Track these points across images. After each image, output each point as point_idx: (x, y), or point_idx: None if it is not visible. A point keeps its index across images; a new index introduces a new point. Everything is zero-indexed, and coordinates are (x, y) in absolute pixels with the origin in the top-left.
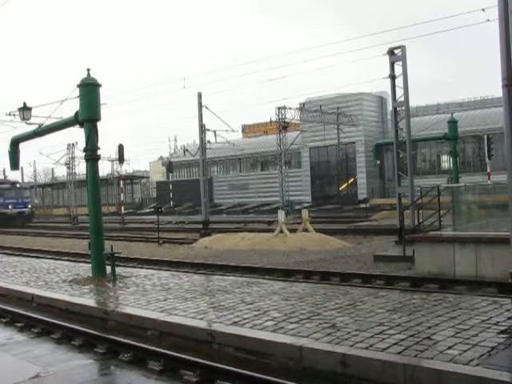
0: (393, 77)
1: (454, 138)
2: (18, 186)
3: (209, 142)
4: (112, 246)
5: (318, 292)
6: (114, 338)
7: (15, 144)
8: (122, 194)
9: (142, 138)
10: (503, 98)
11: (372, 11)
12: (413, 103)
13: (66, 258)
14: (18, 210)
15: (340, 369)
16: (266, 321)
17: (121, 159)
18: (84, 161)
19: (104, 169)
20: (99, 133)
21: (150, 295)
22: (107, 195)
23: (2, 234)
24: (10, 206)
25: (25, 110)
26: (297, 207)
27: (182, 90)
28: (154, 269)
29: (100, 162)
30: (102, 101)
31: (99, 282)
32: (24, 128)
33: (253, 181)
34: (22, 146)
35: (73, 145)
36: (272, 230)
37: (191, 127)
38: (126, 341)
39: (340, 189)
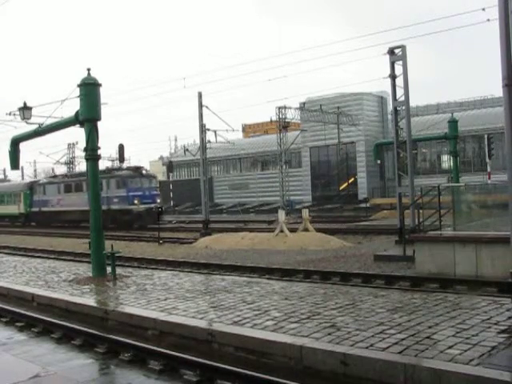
0: (393, 76)
1: (454, 137)
2: (144, 172)
3: (209, 141)
4: (112, 246)
5: (319, 292)
6: (115, 337)
7: (15, 143)
8: None
9: (142, 138)
10: (503, 97)
11: (372, 11)
12: (413, 103)
13: (66, 257)
14: (147, 205)
15: (340, 368)
16: (267, 320)
17: (121, 159)
18: (84, 160)
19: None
20: (99, 132)
21: (151, 295)
22: None
23: (4, 233)
24: (135, 201)
25: (25, 110)
26: (297, 207)
27: (182, 89)
28: (154, 268)
29: (100, 161)
30: (102, 100)
31: (99, 282)
32: (24, 128)
33: (253, 180)
34: (22, 146)
35: (73, 144)
36: (272, 230)
37: (191, 127)
38: (126, 340)
39: (340, 188)
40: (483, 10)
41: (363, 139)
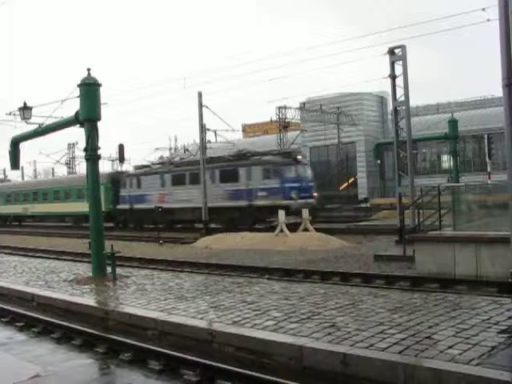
0: (393, 76)
1: (454, 137)
2: (299, 158)
3: (209, 141)
4: (112, 246)
5: (319, 291)
6: (115, 337)
7: (15, 144)
8: None
9: (142, 138)
10: (503, 97)
11: (372, 10)
12: (413, 103)
13: (66, 257)
14: (304, 200)
15: (340, 368)
16: (267, 320)
17: (121, 159)
18: (84, 160)
19: (104, 168)
20: (99, 132)
21: (151, 295)
22: None
23: (4, 233)
24: (293, 195)
25: (25, 110)
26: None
27: (182, 89)
28: (154, 268)
29: (100, 161)
30: (102, 100)
31: (100, 282)
32: (24, 127)
33: None
34: (22, 146)
35: (73, 144)
36: (272, 230)
37: (191, 127)
38: (127, 340)
39: (340, 188)
40: (483, 10)
41: (363, 139)
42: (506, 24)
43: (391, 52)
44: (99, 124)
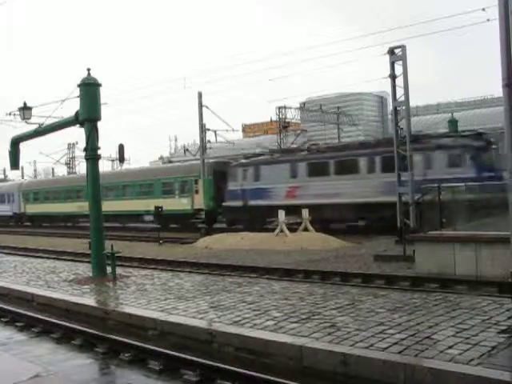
0: (393, 76)
1: None
2: (493, 141)
3: (209, 141)
4: (112, 246)
5: (318, 291)
6: (115, 337)
7: (15, 143)
8: None
9: (142, 138)
10: (503, 97)
11: (372, 10)
12: (413, 103)
13: (66, 257)
14: None
15: (340, 368)
16: (267, 320)
17: (121, 159)
18: (84, 160)
19: (104, 168)
20: (99, 132)
21: (151, 295)
22: None
23: (4, 233)
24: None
25: (25, 110)
26: None
27: (182, 89)
28: (154, 268)
29: (100, 161)
30: (102, 100)
31: (100, 282)
32: (24, 127)
33: None
34: (22, 146)
35: (73, 144)
36: (272, 230)
37: (191, 127)
38: (127, 340)
39: None
40: (483, 10)
41: (363, 139)
42: (506, 24)
43: (391, 52)
44: (99, 124)
